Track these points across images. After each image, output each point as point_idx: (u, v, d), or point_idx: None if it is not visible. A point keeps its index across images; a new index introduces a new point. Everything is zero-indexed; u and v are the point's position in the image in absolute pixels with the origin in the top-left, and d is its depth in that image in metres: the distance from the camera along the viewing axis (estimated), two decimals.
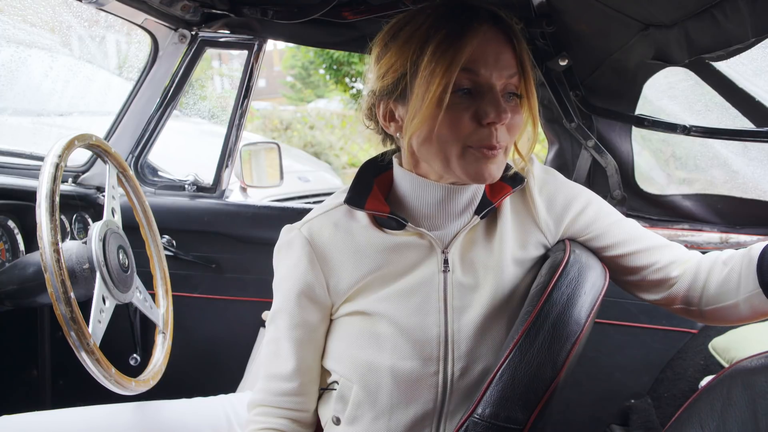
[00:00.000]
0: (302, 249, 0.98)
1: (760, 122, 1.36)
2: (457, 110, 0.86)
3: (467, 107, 0.87)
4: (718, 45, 1.12)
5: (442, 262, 0.96)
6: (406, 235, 0.97)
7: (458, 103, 0.86)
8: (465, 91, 0.86)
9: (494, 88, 0.86)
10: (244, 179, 2.15)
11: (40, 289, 1.19)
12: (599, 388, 1.66)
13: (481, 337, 0.95)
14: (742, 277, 0.93)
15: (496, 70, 0.86)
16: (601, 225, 1.03)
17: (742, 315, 0.95)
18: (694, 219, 1.60)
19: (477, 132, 0.87)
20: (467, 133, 0.87)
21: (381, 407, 0.95)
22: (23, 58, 2.16)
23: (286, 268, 1.00)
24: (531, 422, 0.82)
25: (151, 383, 1.20)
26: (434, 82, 0.84)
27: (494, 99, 0.86)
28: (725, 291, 0.95)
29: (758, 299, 0.90)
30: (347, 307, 0.98)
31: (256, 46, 1.81)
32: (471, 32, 0.85)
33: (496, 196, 0.99)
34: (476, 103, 0.87)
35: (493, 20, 0.88)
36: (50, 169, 1.07)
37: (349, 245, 0.98)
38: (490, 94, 0.86)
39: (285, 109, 10.24)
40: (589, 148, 1.60)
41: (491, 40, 0.87)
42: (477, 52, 0.85)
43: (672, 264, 1.01)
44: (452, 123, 0.86)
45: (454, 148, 0.88)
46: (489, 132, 0.87)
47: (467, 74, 0.85)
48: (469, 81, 0.86)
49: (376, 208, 0.96)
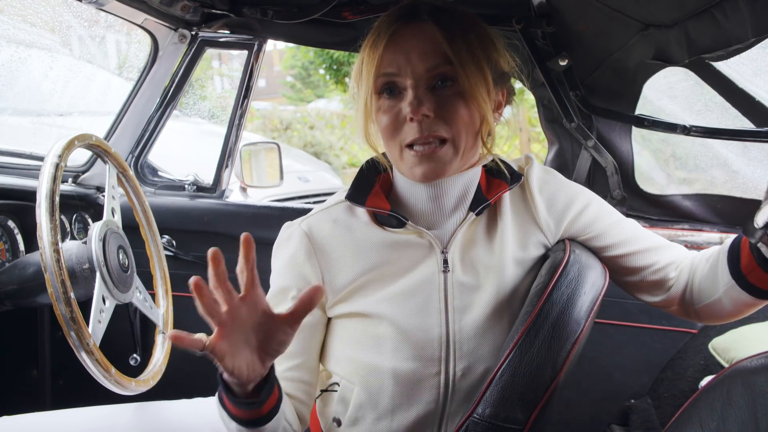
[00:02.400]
0: (300, 242, 0.98)
1: (760, 122, 1.36)
2: (383, 113, 0.92)
3: (391, 108, 0.91)
4: (718, 45, 1.12)
5: (442, 262, 0.96)
6: (406, 233, 0.98)
7: (384, 106, 0.92)
8: (388, 93, 0.92)
9: (409, 86, 0.90)
10: (244, 179, 2.15)
11: (40, 289, 1.19)
12: (599, 388, 1.66)
13: (483, 337, 0.95)
14: (719, 271, 0.94)
15: (409, 67, 0.89)
16: (602, 225, 1.03)
17: (727, 310, 0.95)
18: (694, 219, 1.60)
19: (405, 130, 0.90)
20: (397, 133, 0.91)
21: (383, 409, 0.94)
22: (23, 58, 2.16)
23: (283, 261, 1.00)
24: (531, 422, 0.82)
25: (151, 383, 1.20)
26: (362, 89, 0.94)
27: (410, 96, 0.89)
28: (707, 287, 0.96)
29: (734, 291, 0.91)
30: (345, 306, 0.98)
31: (256, 46, 1.81)
32: (386, 37, 0.90)
33: (492, 192, 0.99)
34: (399, 102, 0.91)
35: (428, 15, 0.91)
36: (50, 169, 1.07)
37: (348, 241, 0.98)
38: (406, 92, 0.90)
39: (285, 109, 10.23)
40: (589, 148, 1.60)
41: (406, 39, 0.90)
42: (388, 56, 0.90)
43: (671, 265, 1.01)
44: (382, 125, 0.93)
45: (393, 149, 0.94)
46: (412, 126, 0.90)
47: (385, 78, 0.91)
48: (387, 84, 0.91)
49: (377, 205, 0.97)
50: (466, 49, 0.89)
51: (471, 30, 0.91)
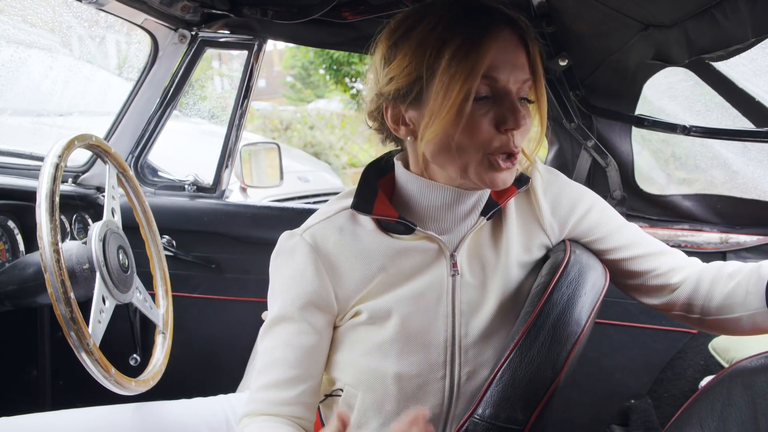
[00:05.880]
0: (308, 256, 0.93)
1: (760, 122, 1.36)
2: (477, 117, 0.84)
3: (485, 114, 0.85)
4: (718, 45, 1.12)
5: (451, 266, 0.95)
6: (415, 239, 0.95)
7: (477, 110, 0.84)
8: (484, 97, 0.85)
9: (511, 93, 0.85)
10: (244, 179, 2.16)
11: (40, 289, 1.19)
12: (599, 388, 1.66)
13: (488, 340, 0.94)
14: (749, 294, 0.92)
15: (512, 75, 0.85)
16: (605, 228, 1.02)
17: (743, 329, 0.94)
18: (694, 219, 1.60)
19: (496, 138, 0.86)
20: (486, 140, 0.85)
21: (387, 414, 0.93)
22: (23, 58, 2.16)
23: (289, 277, 0.95)
24: (531, 423, 0.82)
25: (151, 383, 1.20)
26: (454, 89, 0.82)
27: (512, 105, 0.85)
28: (730, 305, 0.95)
29: (762, 317, 0.90)
30: (352, 312, 0.95)
31: (256, 46, 1.81)
32: (489, 37, 0.83)
33: (501, 196, 0.97)
34: (494, 109, 0.85)
35: (509, 23, 0.86)
36: (50, 169, 1.07)
37: (356, 250, 0.94)
38: (508, 99, 0.85)
39: (285, 109, 10.24)
40: (589, 149, 1.60)
41: (508, 44, 0.85)
42: (496, 57, 0.83)
43: (672, 270, 1.01)
44: (472, 130, 0.85)
45: (473, 155, 0.87)
46: (507, 138, 0.85)
47: (486, 81, 0.84)
48: (488, 88, 0.85)
49: (384, 213, 0.93)
50: (541, 67, 0.88)
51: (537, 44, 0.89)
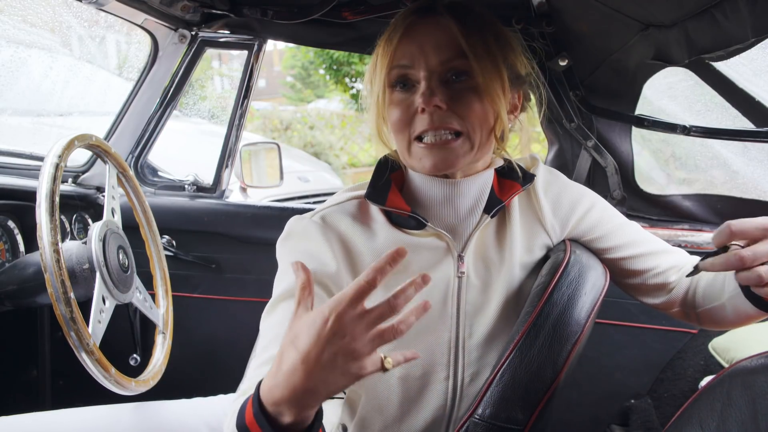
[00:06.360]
0: (323, 236, 0.92)
1: (760, 122, 1.36)
2: (395, 106, 0.91)
3: (402, 101, 0.90)
4: (718, 45, 1.12)
5: (458, 266, 0.95)
6: (425, 235, 0.95)
7: (396, 99, 0.91)
8: (401, 86, 0.91)
9: (422, 77, 0.89)
10: (244, 179, 2.15)
11: (40, 289, 1.19)
12: (599, 388, 1.66)
13: (491, 342, 0.94)
14: (726, 279, 0.93)
15: (423, 59, 0.88)
16: (605, 227, 1.02)
17: (728, 317, 0.94)
18: (694, 219, 1.60)
19: (416, 122, 0.89)
20: (407, 126, 0.90)
21: (390, 416, 0.93)
22: (23, 58, 2.16)
23: (303, 253, 0.91)
24: (531, 422, 0.82)
25: (151, 383, 1.20)
26: (375, 82, 0.93)
27: (422, 87, 0.89)
28: (711, 293, 0.96)
29: (739, 299, 0.89)
30: None
31: (256, 46, 1.81)
32: (402, 29, 0.90)
33: (505, 194, 0.97)
34: (410, 94, 0.90)
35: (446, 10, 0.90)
36: (50, 169, 1.07)
37: (368, 240, 0.94)
38: (419, 84, 0.89)
39: (285, 109, 10.23)
40: (589, 149, 1.60)
41: (421, 32, 0.89)
42: (403, 48, 0.89)
43: (672, 269, 1.01)
44: (393, 118, 0.91)
45: (402, 142, 0.92)
46: (426, 117, 0.88)
47: (399, 70, 0.90)
48: (401, 76, 0.90)
49: (397, 206, 0.94)
50: (482, 45, 0.88)
51: (488, 27, 0.90)
